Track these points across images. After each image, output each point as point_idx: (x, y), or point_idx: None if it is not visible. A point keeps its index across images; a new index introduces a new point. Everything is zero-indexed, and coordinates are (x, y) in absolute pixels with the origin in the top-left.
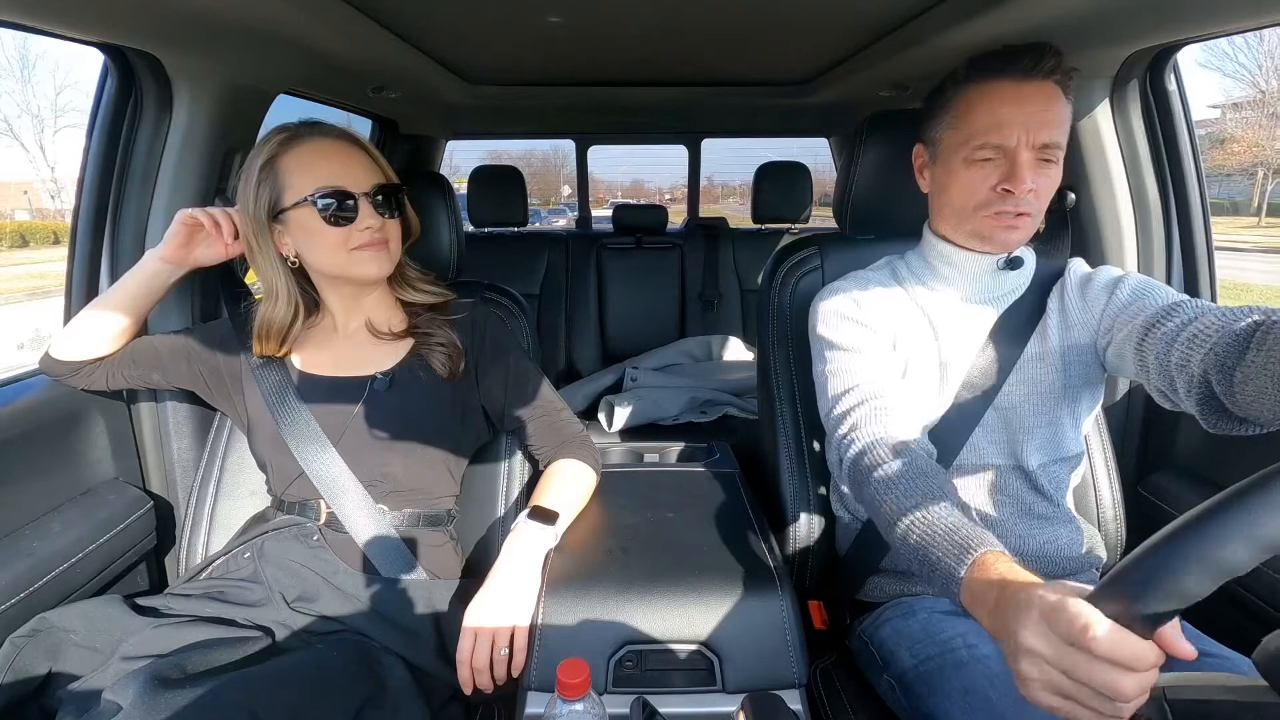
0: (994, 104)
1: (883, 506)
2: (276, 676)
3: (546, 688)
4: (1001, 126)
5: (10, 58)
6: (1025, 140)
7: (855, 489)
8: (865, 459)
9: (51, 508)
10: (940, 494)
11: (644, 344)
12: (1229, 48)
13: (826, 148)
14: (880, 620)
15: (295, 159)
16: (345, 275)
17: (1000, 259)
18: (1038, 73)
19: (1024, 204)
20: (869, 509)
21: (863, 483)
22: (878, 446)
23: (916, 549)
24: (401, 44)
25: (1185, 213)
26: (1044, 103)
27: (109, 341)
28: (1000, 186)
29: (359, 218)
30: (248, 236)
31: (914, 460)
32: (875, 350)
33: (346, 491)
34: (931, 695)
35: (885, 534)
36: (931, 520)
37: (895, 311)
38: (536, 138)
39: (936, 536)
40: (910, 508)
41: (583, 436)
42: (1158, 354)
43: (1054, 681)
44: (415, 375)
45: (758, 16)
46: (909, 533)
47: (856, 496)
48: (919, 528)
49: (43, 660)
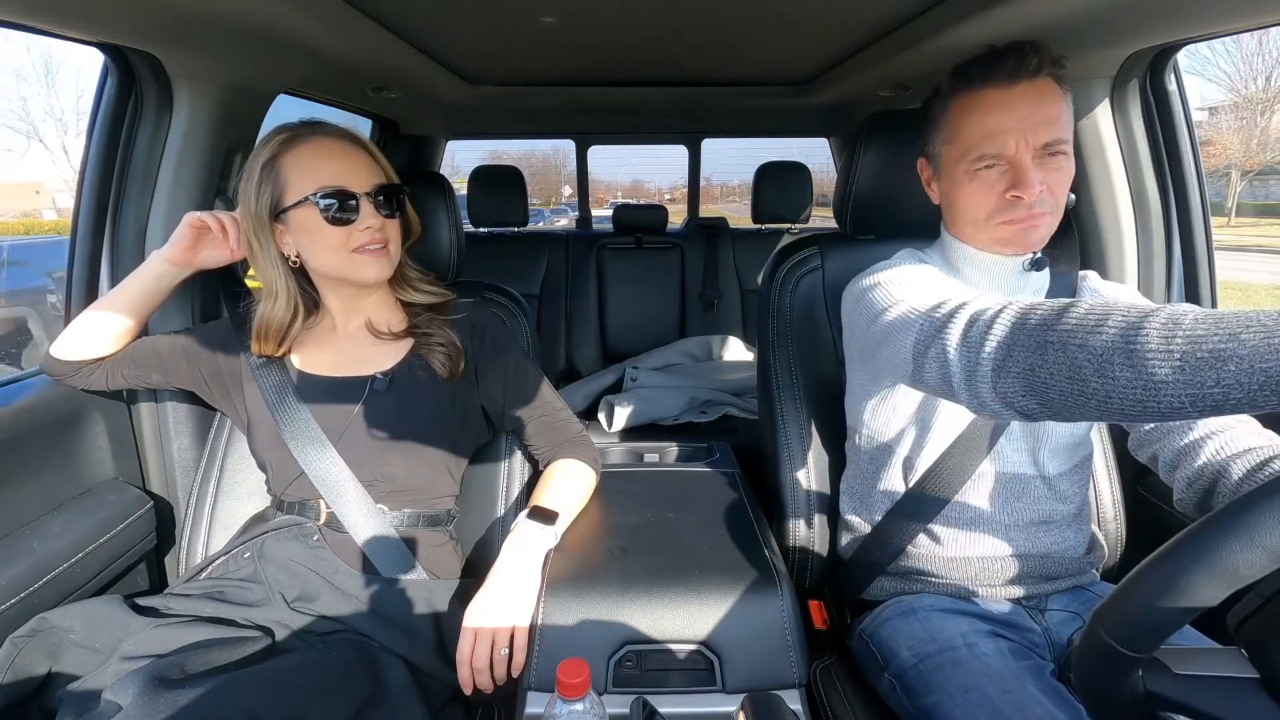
0: (984, 114)
1: (1104, 328)
2: (276, 676)
3: (546, 688)
4: (995, 136)
5: (35, 64)
6: (1024, 144)
7: (1021, 348)
8: (1037, 312)
9: (51, 508)
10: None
11: (644, 344)
12: (1209, 53)
13: (826, 147)
14: (880, 619)
15: (297, 158)
16: (345, 277)
17: (1026, 260)
18: (1023, 74)
19: (1038, 204)
20: (1060, 358)
21: (1048, 328)
22: (1041, 304)
23: (1198, 345)
24: (401, 44)
25: (1185, 213)
26: (1035, 103)
27: (111, 342)
28: (1009, 193)
29: (360, 217)
30: (249, 235)
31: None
32: (948, 284)
33: (346, 492)
34: (932, 694)
35: (1100, 366)
36: (1195, 312)
37: (934, 282)
38: (536, 138)
39: (1218, 319)
40: (1154, 312)
41: (583, 436)
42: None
43: None
44: (415, 375)
45: (758, 16)
46: (1173, 336)
47: (1015, 360)
48: (1191, 323)
49: (43, 660)
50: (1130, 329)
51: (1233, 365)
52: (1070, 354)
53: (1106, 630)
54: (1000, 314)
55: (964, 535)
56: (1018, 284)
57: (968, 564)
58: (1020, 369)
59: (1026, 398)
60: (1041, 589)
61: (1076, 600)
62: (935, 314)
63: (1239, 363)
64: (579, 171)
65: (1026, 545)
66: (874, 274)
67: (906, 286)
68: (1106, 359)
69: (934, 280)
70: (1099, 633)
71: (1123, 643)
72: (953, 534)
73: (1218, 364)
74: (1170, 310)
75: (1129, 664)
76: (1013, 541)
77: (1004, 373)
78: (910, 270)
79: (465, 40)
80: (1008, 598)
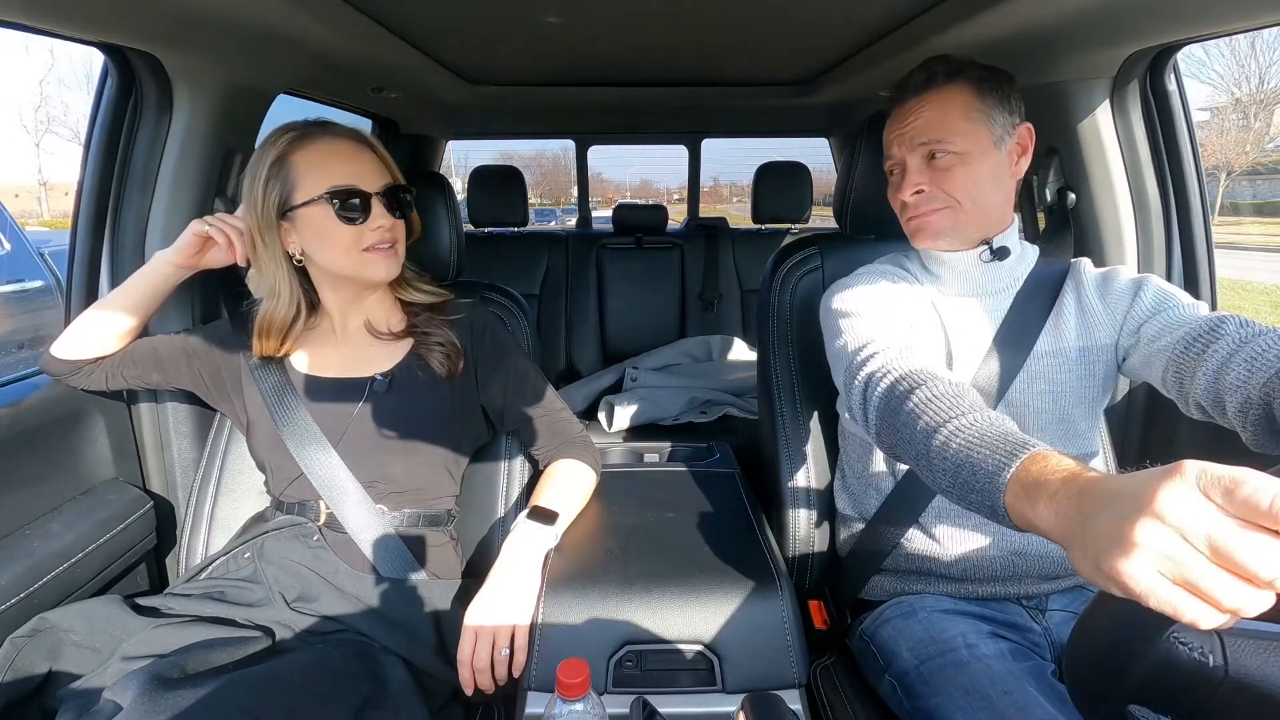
0: (888, 130)
1: (921, 419)
2: (276, 676)
3: (546, 688)
4: (889, 145)
5: (77, 72)
6: (906, 149)
7: (885, 419)
8: (901, 385)
9: (51, 508)
10: (988, 410)
11: (644, 344)
12: (1204, 55)
13: (829, 149)
14: (881, 620)
15: (307, 157)
16: (355, 276)
17: (982, 252)
18: (910, 92)
19: (923, 203)
20: (898, 436)
21: (897, 408)
22: (915, 374)
23: (956, 456)
24: (401, 44)
25: (1185, 213)
26: (917, 113)
27: (111, 342)
28: (899, 197)
29: (371, 217)
30: (253, 234)
31: (957, 382)
32: (894, 319)
33: (346, 492)
34: (933, 695)
35: (916, 454)
36: (980, 426)
37: (907, 298)
38: (537, 138)
39: (986, 439)
40: (956, 415)
41: (583, 437)
42: (1207, 371)
43: (1180, 558)
44: (414, 375)
45: (758, 16)
46: (951, 440)
47: (883, 431)
48: (964, 434)
49: (43, 660)
50: (923, 439)
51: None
52: (904, 435)
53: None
54: (882, 380)
55: (961, 533)
56: (982, 275)
57: (966, 563)
58: (886, 433)
59: (892, 454)
60: (1042, 589)
61: (1077, 600)
62: (855, 359)
63: (972, 471)
64: (579, 171)
65: (1025, 544)
66: (836, 294)
67: (851, 319)
68: (918, 448)
69: (875, 311)
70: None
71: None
72: (949, 532)
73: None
74: (956, 423)
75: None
76: (1010, 540)
77: (880, 432)
78: (862, 295)
79: (465, 40)
80: (1008, 597)
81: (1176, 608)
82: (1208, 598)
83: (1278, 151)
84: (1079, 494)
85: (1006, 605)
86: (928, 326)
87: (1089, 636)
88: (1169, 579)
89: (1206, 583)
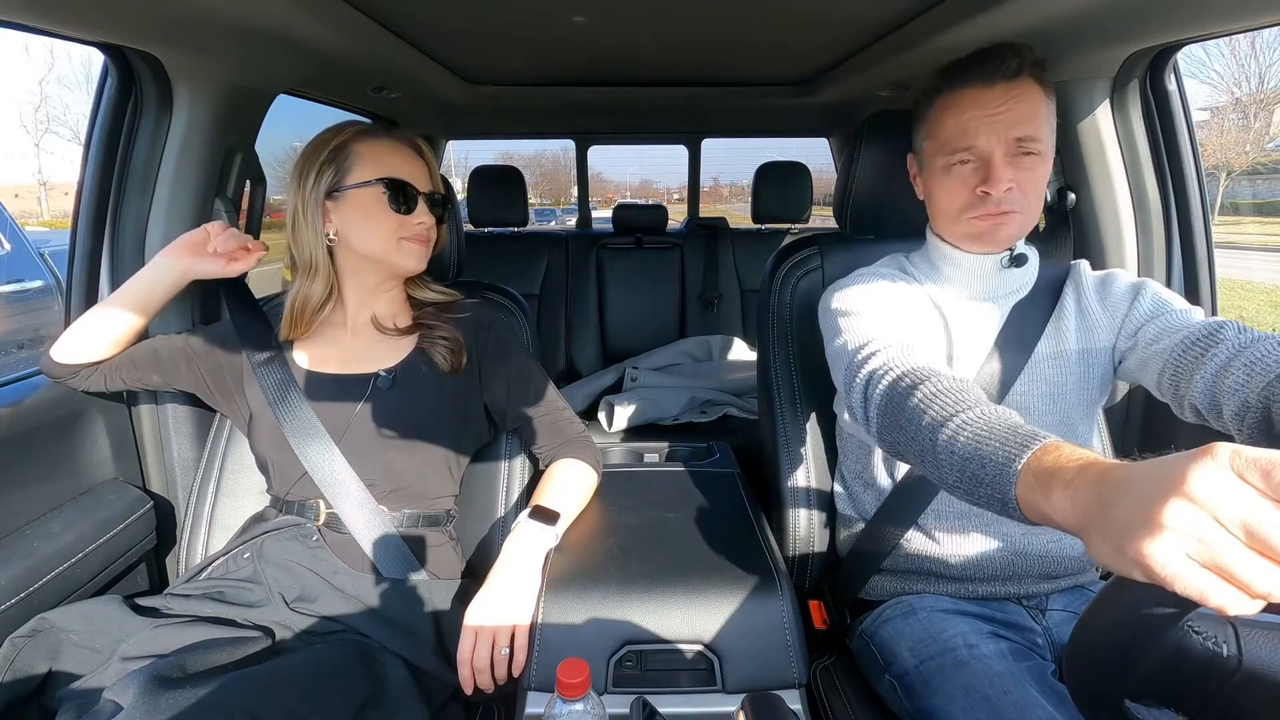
0: (960, 111)
1: (926, 414)
2: (276, 676)
3: (546, 688)
4: (968, 132)
5: (77, 72)
6: (997, 140)
7: (887, 417)
8: (903, 382)
9: (51, 508)
10: (994, 405)
11: (644, 344)
12: (1204, 55)
13: (829, 149)
14: (881, 620)
15: (370, 147)
16: (388, 260)
17: (1004, 257)
18: (1000, 75)
19: (1006, 202)
20: (901, 433)
21: (900, 404)
22: (917, 371)
23: (964, 449)
24: (401, 44)
25: (1185, 213)
26: (1009, 102)
27: (111, 345)
28: (979, 189)
29: (416, 211)
30: (295, 212)
31: (960, 378)
32: (895, 318)
33: (347, 491)
34: (932, 695)
35: (920, 451)
36: (988, 419)
37: (908, 299)
38: (536, 138)
39: (995, 431)
40: (962, 409)
41: (584, 437)
42: (1205, 375)
43: (1212, 541)
44: (418, 371)
45: (758, 17)
46: (958, 434)
47: (885, 429)
48: (972, 428)
49: (43, 660)
50: (929, 434)
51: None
52: (908, 432)
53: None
54: (884, 378)
55: (960, 533)
56: (997, 281)
57: (966, 562)
58: (888, 431)
59: (894, 452)
60: (1042, 588)
61: (1077, 600)
62: (855, 358)
63: (981, 464)
64: (579, 171)
65: (1025, 544)
66: (835, 293)
67: (851, 318)
68: (923, 444)
69: (875, 310)
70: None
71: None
72: (949, 532)
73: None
74: (963, 417)
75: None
76: (1010, 540)
77: (882, 430)
78: (862, 294)
79: (466, 40)
80: (1008, 597)
81: (1204, 592)
82: (1239, 582)
83: (1278, 151)
84: (1098, 480)
85: (1006, 605)
86: (930, 327)
87: (1095, 628)
88: (1197, 562)
89: (1240, 567)
